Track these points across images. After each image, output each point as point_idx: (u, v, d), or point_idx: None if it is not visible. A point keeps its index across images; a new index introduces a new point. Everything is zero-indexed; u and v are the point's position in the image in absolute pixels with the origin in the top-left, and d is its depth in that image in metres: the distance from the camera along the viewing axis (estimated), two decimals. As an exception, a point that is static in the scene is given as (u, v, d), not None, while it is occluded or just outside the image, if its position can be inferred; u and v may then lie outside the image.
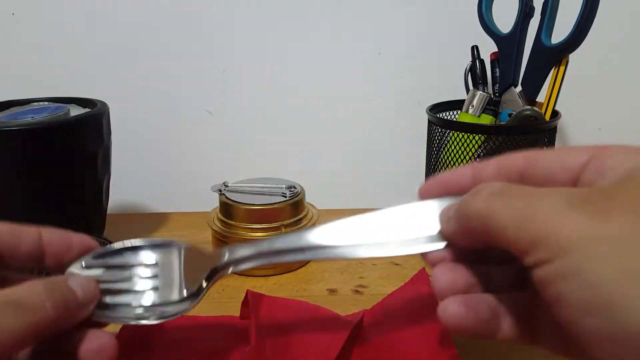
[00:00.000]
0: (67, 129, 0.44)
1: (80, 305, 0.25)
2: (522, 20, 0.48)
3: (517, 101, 0.48)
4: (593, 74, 0.60)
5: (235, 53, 0.60)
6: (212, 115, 0.62)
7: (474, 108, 0.49)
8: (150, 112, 0.62)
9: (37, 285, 0.24)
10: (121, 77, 0.60)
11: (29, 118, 0.45)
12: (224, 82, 0.61)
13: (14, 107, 0.50)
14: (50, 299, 0.23)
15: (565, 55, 0.45)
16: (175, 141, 0.63)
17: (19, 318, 0.22)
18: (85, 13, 0.59)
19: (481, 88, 0.51)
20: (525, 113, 0.46)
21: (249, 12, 0.59)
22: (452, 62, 0.55)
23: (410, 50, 0.60)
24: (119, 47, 0.60)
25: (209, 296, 0.47)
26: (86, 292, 0.26)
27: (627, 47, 0.60)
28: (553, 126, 0.47)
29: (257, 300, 0.36)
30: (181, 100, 0.62)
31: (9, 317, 0.21)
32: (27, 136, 0.42)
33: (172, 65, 0.60)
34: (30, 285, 0.24)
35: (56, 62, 0.60)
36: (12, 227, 0.27)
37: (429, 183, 0.27)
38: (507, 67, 0.49)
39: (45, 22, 0.59)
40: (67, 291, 0.25)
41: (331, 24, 0.59)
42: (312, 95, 0.61)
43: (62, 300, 0.24)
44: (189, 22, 0.59)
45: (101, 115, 0.47)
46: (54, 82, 0.60)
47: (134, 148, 0.62)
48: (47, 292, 0.23)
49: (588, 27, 0.43)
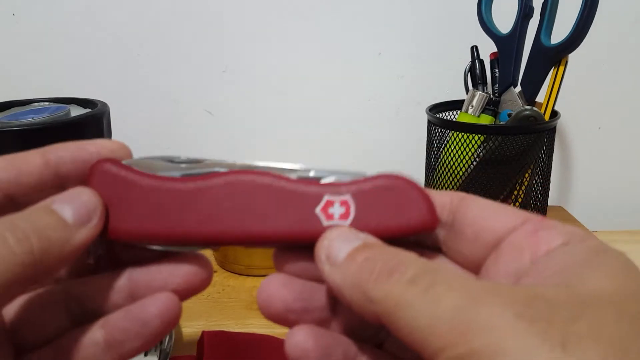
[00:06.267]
0: (67, 130, 0.44)
1: (69, 229, 0.19)
2: (522, 20, 0.48)
3: (517, 101, 0.48)
4: (592, 74, 0.60)
5: (235, 53, 0.60)
6: (212, 115, 0.62)
7: (473, 108, 0.49)
8: (150, 112, 0.62)
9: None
10: (122, 78, 0.61)
11: (30, 118, 0.45)
12: (224, 83, 0.61)
13: (15, 107, 0.50)
14: (13, 232, 0.18)
15: (565, 55, 0.46)
16: (175, 141, 0.63)
17: None
18: (86, 13, 0.59)
19: (481, 88, 0.51)
20: (524, 113, 0.46)
21: (248, 12, 0.59)
22: (452, 63, 0.55)
23: (410, 50, 0.60)
24: (119, 47, 0.60)
25: (209, 296, 0.47)
26: (79, 208, 0.20)
27: (626, 47, 0.60)
28: (552, 126, 0.47)
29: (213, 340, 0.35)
30: (181, 100, 0.62)
31: None
32: (27, 136, 0.42)
33: (172, 65, 0.60)
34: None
35: (56, 63, 0.60)
36: (7, 157, 0.21)
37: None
38: (507, 67, 0.49)
39: (46, 23, 0.59)
40: (42, 216, 0.19)
41: (331, 24, 0.59)
42: (312, 95, 0.61)
43: (33, 229, 0.18)
44: (189, 23, 0.59)
45: (102, 116, 0.47)
46: (54, 83, 0.60)
47: (134, 148, 0.62)
48: (6, 224, 0.18)
49: (587, 27, 0.43)
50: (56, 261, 0.19)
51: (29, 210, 0.19)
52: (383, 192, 0.20)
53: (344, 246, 0.18)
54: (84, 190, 0.20)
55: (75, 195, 0.20)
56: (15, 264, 0.17)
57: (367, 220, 0.20)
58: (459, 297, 0.15)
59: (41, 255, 0.18)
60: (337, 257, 0.18)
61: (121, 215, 0.20)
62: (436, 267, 0.17)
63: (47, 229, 0.18)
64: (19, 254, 0.17)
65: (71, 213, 0.19)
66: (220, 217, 0.20)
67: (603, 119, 0.62)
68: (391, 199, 0.20)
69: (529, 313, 0.14)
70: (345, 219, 0.20)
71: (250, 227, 0.20)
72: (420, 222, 0.20)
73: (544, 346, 0.14)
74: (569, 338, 0.14)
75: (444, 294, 0.15)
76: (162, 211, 0.20)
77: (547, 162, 0.48)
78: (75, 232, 0.19)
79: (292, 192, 0.20)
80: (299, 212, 0.20)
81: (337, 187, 0.20)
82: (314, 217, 0.20)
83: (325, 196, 0.20)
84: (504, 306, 0.15)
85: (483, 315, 0.14)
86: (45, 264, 0.18)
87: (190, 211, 0.20)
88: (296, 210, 0.20)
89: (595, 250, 0.17)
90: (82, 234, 0.19)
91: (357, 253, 0.18)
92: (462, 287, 0.15)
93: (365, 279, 0.17)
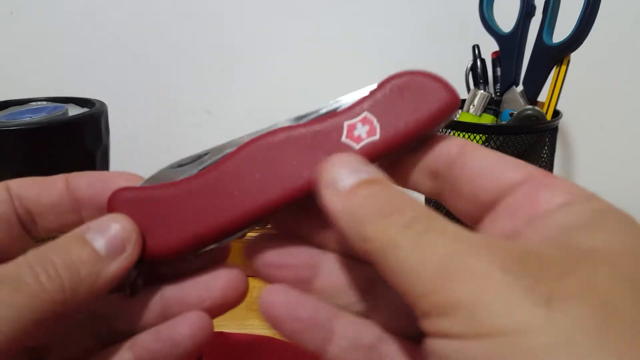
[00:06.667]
0: (65, 129, 0.44)
1: (101, 262, 0.18)
2: (524, 19, 0.47)
3: (519, 101, 0.48)
4: (594, 73, 0.59)
5: (234, 53, 0.60)
6: (212, 115, 0.62)
7: (475, 108, 0.49)
8: (149, 112, 0.62)
9: (28, 254, 0.18)
10: (120, 77, 0.60)
11: (27, 118, 0.44)
12: (223, 82, 0.61)
13: (12, 106, 0.50)
14: (45, 267, 0.17)
15: (567, 55, 0.45)
16: (175, 141, 0.63)
17: (2, 307, 0.16)
18: (84, 12, 0.59)
19: (482, 87, 0.51)
20: (526, 113, 0.45)
21: (248, 12, 0.59)
22: (453, 62, 0.55)
23: (411, 49, 0.59)
24: (117, 46, 0.59)
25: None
26: (113, 239, 0.19)
27: (629, 45, 0.59)
28: (554, 126, 0.46)
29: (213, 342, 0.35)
30: (180, 100, 0.61)
31: None
32: (25, 136, 0.42)
33: (171, 64, 0.60)
34: (25, 256, 0.18)
35: (54, 62, 0.60)
36: (34, 179, 0.21)
37: None
38: (508, 67, 0.49)
39: (44, 22, 0.59)
40: (75, 247, 0.18)
41: (331, 23, 0.59)
42: (312, 95, 0.61)
43: (64, 265, 0.17)
44: (189, 22, 0.59)
45: (99, 115, 0.47)
46: (52, 82, 0.59)
47: (133, 148, 0.62)
48: (39, 259, 0.17)
49: (590, 26, 0.43)
50: (87, 295, 0.18)
51: (63, 239, 0.19)
52: (396, 94, 0.20)
53: (351, 177, 0.18)
54: (117, 217, 0.19)
55: (109, 223, 0.19)
56: (46, 301, 0.17)
57: (394, 126, 0.19)
58: (449, 245, 0.15)
59: (72, 292, 0.17)
60: (341, 185, 0.18)
61: (154, 235, 0.20)
62: (435, 214, 0.16)
63: (79, 262, 0.18)
64: (50, 291, 0.17)
65: (104, 244, 0.19)
66: (254, 191, 0.19)
67: (605, 119, 0.61)
68: (406, 96, 0.19)
69: (517, 268, 0.14)
70: (374, 134, 0.19)
71: (287, 185, 0.19)
72: (442, 104, 0.19)
73: (526, 301, 0.13)
74: (555, 295, 0.13)
75: (436, 241, 0.15)
76: (194, 211, 0.20)
77: (549, 161, 0.48)
78: (107, 264, 0.18)
79: (312, 134, 0.20)
80: (327, 149, 0.19)
81: (352, 110, 0.20)
82: (344, 146, 0.19)
83: (345, 123, 0.20)
84: (492, 259, 0.14)
85: (470, 266, 0.14)
86: (76, 300, 0.18)
87: (222, 198, 0.20)
88: (324, 149, 0.19)
89: (600, 211, 0.16)
90: (115, 267, 0.19)
91: (362, 187, 0.17)
92: (455, 236, 0.15)
93: (364, 214, 0.17)
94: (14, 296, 0.16)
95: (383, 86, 0.20)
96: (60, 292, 0.17)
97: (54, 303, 0.17)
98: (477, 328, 0.14)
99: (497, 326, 0.13)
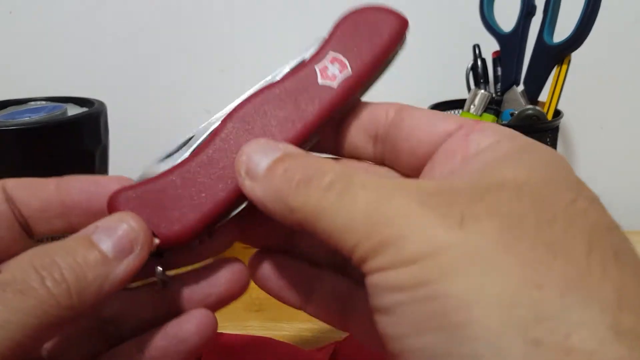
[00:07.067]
0: (64, 129, 0.44)
1: (108, 264, 0.18)
2: (524, 18, 0.47)
3: (519, 100, 0.48)
4: (595, 73, 0.59)
5: (233, 52, 0.60)
6: (211, 115, 0.62)
7: (475, 107, 0.49)
8: (148, 111, 0.61)
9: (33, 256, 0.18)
10: (119, 77, 0.60)
11: (26, 117, 0.44)
12: (222, 82, 0.61)
13: (11, 106, 0.50)
14: (51, 271, 0.17)
15: (568, 54, 0.45)
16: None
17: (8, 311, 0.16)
18: (83, 12, 0.58)
19: (483, 87, 0.51)
20: (527, 112, 0.45)
21: (247, 12, 0.58)
22: (454, 61, 0.55)
23: (411, 49, 0.59)
24: (117, 46, 0.59)
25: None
26: (121, 240, 0.18)
27: (630, 45, 0.59)
28: (555, 125, 0.46)
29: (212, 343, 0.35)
30: (180, 99, 0.61)
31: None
32: (24, 136, 0.42)
33: (170, 64, 0.60)
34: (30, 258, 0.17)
35: (53, 62, 0.60)
36: (25, 180, 0.21)
37: None
38: (509, 66, 0.48)
39: (43, 21, 0.59)
40: (81, 249, 0.18)
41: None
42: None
43: (71, 268, 0.17)
44: (187, 21, 0.59)
45: (98, 115, 0.47)
46: (51, 82, 0.59)
47: (132, 148, 0.62)
48: (45, 262, 0.17)
49: (590, 25, 0.43)
50: (95, 299, 0.18)
51: (69, 240, 0.18)
52: (352, 29, 0.22)
53: (263, 159, 0.18)
54: (124, 216, 0.19)
55: (116, 223, 0.19)
56: (52, 306, 0.16)
57: (362, 56, 0.21)
58: (371, 195, 0.16)
59: (78, 296, 0.17)
60: (256, 170, 0.18)
61: (164, 224, 0.20)
62: (352, 171, 0.17)
63: (86, 265, 0.17)
64: (57, 295, 0.17)
65: (111, 245, 0.18)
66: None
67: (606, 118, 0.61)
68: (362, 28, 0.21)
69: (432, 200, 0.16)
70: (345, 68, 0.21)
71: (286, 134, 0.20)
72: (394, 26, 0.22)
73: (442, 225, 0.15)
74: (467, 216, 0.15)
75: (358, 194, 0.16)
76: (197, 191, 0.20)
77: (550, 161, 0.48)
78: (115, 266, 0.18)
79: (290, 87, 0.21)
80: (308, 96, 0.21)
81: (318, 55, 0.21)
82: (323, 88, 0.21)
83: (316, 67, 0.21)
84: (410, 197, 0.16)
85: (392, 207, 0.16)
86: (83, 304, 0.17)
87: (222, 169, 0.20)
88: (305, 97, 0.21)
89: (523, 146, 0.18)
90: (123, 269, 0.18)
91: (277, 165, 0.18)
92: (374, 186, 0.16)
93: (286, 189, 0.17)
94: (20, 301, 0.16)
95: (337, 27, 0.22)
96: (67, 297, 0.17)
97: (61, 308, 0.17)
98: (403, 257, 0.15)
99: (419, 252, 0.15)
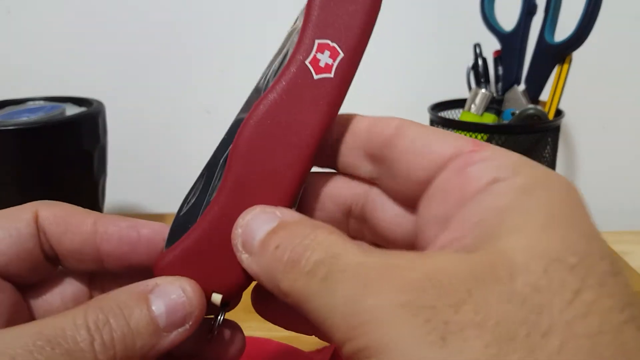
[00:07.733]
0: (62, 129, 0.44)
1: (158, 334, 0.17)
2: (525, 17, 0.47)
3: (520, 100, 0.48)
4: (597, 72, 0.59)
5: (233, 52, 0.59)
6: (210, 115, 0.61)
7: (476, 107, 0.49)
8: (147, 111, 0.61)
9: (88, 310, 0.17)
10: (118, 76, 0.60)
11: (25, 117, 0.44)
12: (222, 82, 0.60)
13: (10, 106, 0.50)
14: (101, 334, 0.16)
15: (569, 53, 0.45)
16: (173, 141, 0.62)
17: None
18: (82, 12, 0.58)
19: (484, 86, 0.51)
20: (528, 112, 0.45)
21: (247, 12, 0.58)
22: (454, 61, 0.55)
23: (412, 48, 0.59)
24: (115, 46, 0.59)
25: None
26: (175, 310, 0.17)
27: (632, 44, 0.59)
28: (556, 125, 0.46)
29: None
30: (179, 99, 0.61)
31: None
32: (22, 135, 0.42)
33: (169, 64, 0.60)
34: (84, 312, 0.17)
35: (52, 61, 0.59)
36: (61, 212, 0.20)
37: None
38: (510, 65, 0.48)
39: (41, 21, 0.58)
40: (135, 315, 0.17)
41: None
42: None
43: (122, 333, 0.16)
44: (187, 21, 0.59)
45: (97, 115, 0.47)
46: (49, 82, 0.59)
47: (131, 148, 0.62)
48: (97, 321, 0.16)
49: (592, 24, 0.43)
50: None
51: (126, 295, 0.18)
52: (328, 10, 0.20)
53: (258, 231, 0.18)
54: (183, 283, 0.18)
55: (174, 289, 0.18)
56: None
57: (348, 36, 0.20)
58: (350, 286, 0.15)
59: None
60: (252, 245, 0.18)
61: (216, 278, 0.19)
62: (339, 250, 0.16)
63: (137, 332, 0.17)
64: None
65: (165, 313, 0.17)
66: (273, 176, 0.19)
67: (607, 118, 0.61)
68: (337, 6, 0.20)
69: (415, 301, 0.14)
70: (338, 54, 0.20)
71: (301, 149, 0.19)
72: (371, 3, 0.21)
73: (425, 341, 0.13)
74: (450, 329, 0.13)
75: (338, 284, 0.15)
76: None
77: (551, 161, 0.48)
78: (164, 337, 0.17)
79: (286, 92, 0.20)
80: (308, 95, 0.20)
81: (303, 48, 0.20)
82: (322, 82, 0.20)
83: (307, 63, 0.20)
84: (392, 294, 0.14)
85: (371, 307, 0.14)
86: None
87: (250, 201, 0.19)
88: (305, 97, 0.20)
89: (522, 191, 0.16)
90: (170, 341, 0.17)
91: (270, 239, 0.17)
92: (355, 274, 0.15)
93: (276, 270, 0.16)
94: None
95: (310, 12, 0.20)
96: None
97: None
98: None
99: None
